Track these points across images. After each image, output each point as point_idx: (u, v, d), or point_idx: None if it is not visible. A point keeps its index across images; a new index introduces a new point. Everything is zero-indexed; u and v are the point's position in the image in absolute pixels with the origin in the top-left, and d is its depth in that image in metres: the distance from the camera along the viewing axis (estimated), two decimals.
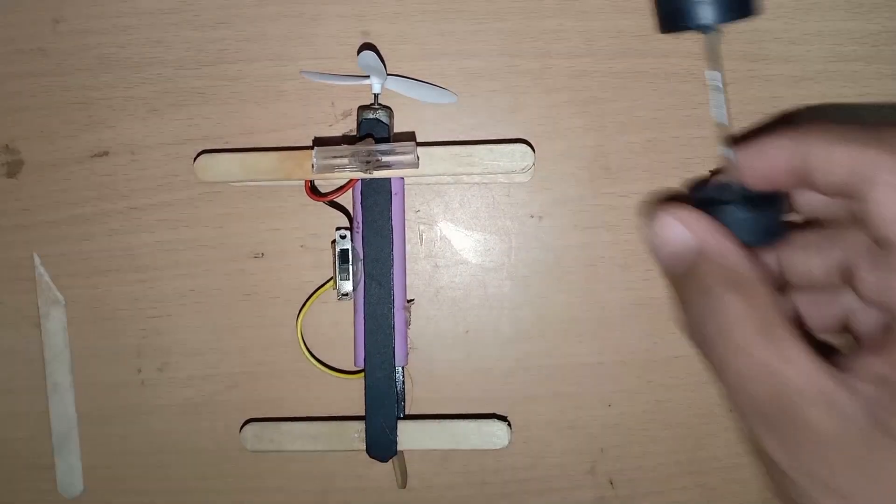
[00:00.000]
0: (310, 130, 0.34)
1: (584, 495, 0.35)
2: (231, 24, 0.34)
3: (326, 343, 0.34)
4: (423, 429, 0.32)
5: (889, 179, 0.22)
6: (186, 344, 0.35)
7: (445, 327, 0.35)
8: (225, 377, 0.35)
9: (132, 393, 0.35)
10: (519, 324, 0.34)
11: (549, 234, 0.34)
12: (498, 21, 0.33)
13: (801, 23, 0.33)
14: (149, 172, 0.34)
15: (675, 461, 0.35)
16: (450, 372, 0.35)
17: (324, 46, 0.34)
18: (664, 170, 0.34)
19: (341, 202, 0.33)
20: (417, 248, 0.34)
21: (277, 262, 0.34)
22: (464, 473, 0.35)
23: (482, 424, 0.32)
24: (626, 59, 0.33)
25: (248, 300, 0.35)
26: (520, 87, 0.34)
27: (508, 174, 0.32)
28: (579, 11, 0.33)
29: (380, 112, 0.31)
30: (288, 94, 0.34)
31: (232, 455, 0.35)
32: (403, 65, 0.34)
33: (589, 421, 0.35)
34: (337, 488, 0.35)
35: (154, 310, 0.35)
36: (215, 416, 0.35)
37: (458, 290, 0.35)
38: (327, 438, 0.32)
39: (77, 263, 0.35)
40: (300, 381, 0.35)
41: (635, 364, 0.34)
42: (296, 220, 0.34)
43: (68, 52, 0.34)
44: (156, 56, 0.34)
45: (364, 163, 0.29)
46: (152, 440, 0.35)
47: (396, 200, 0.31)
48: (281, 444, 0.32)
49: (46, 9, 0.34)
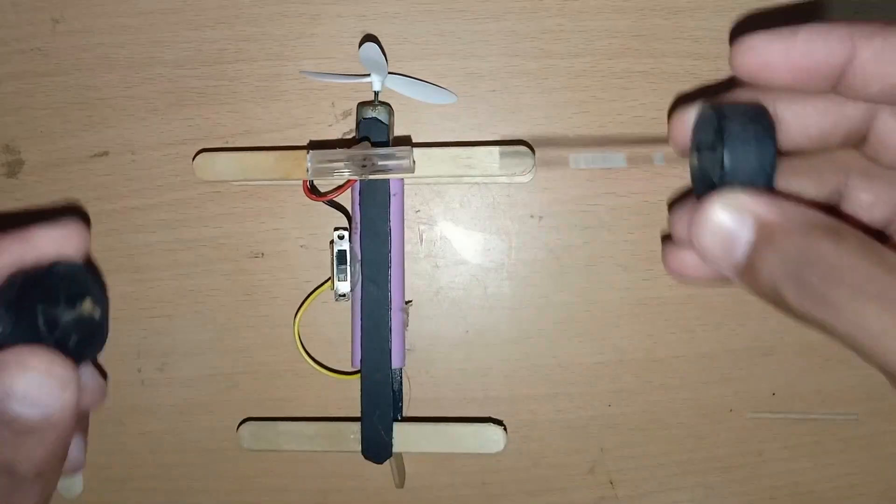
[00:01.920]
0: (310, 130, 0.34)
1: (584, 495, 0.35)
2: (231, 23, 0.34)
3: (326, 343, 0.34)
4: (419, 431, 0.32)
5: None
6: (186, 344, 0.35)
7: (445, 327, 0.35)
8: (225, 377, 0.35)
9: (132, 393, 0.35)
10: (519, 324, 0.34)
11: (549, 234, 0.34)
12: (498, 21, 0.33)
13: (800, 23, 0.33)
14: (149, 172, 0.34)
15: (675, 461, 0.35)
16: (450, 372, 0.35)
17: (324, 46, 0.34)
18: (664, 169, 0.34)
19: (341, 202, 0.33)
20: (417, 248, 0.34)
21: (277, 262, 0.34)
22: (463, 473, 0.35)
23: (478, 428, 0.32)
24: (626, 59, 0.33)
25: (247, 300, 0.35)
26: (520, 87, 0.34)
27: (509, 175, 0.32)
28: (579, 11, 0.33)
29: (379, 109, 0.31)
30: (288, 94, 0.34)
31: (232, 455, 0.35)
32: (403, 65, 0.33)
33: (589, 421, 0.35)
34: (336, 488, 0.35)
35: (154, 310, 0.35)
36: (215, 416, 0.35)
37: (458, 290, 0.35)
38: (324, 439, 0.32)
39: None
40: (300, 382, 0.35)
41: (635, 364, 0.34)
42: (295, 220, 0.34)
43: (68, 52, 0.34)
44: (156, 56, 0.34)
45: (359, 167, 0.29)
46: (152, 440, 0.35)
47: (395, 201, 0.31)
48: (277, 444, 0.32)
49: (46, 9, 0.34)
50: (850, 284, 0.20)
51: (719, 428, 0.35)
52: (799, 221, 0.22)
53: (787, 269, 0.21)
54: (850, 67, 0.23)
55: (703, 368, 0.34)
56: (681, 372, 0.34)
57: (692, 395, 0.34)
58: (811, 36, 0.23)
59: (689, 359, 0.34)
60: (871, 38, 0.22)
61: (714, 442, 0.35)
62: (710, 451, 0.35)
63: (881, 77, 0.22)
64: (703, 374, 0.34)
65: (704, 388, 0.34)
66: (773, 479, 0.35)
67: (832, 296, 0.20)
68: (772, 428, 0.34)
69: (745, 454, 0.35)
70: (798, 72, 0.23)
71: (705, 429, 0.35)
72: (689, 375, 0.34)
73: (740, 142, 0.23)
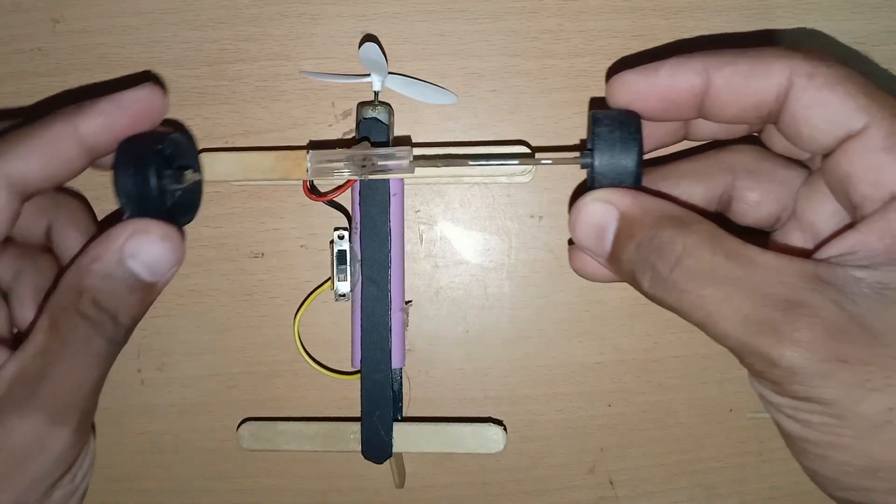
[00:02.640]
0: (310, 130, 0.34)
1: (584, 495, 0.35)
2: (231, 23, 0.34)
3: (325, 343, 0.34)
4: (418, 431, 0.32)
5: (806, 80, 0.23)
6: (186, 344, 0.35)
7: (445, 327, 0.35)
8: (225, 377, 0.35)
9: (132, 393, 0.35)
10: (519, 324, 0.34)
11: (549, 234, 0.34)
12: (498, 21, 0.33)
13: (801, 23, 0.33)
14: None
15: (675, 461, 0.35)
16: (450, 372, 0.35)
17: (324, 46, 0.34)
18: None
19: (341, 202, 0.33)
20: (417, 248, 0.34)
21: (277, 262, 0.34)
22: (463, 473, 0.35)
23: (478, 428, 0.32)
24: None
25: (247, 300, 0.35)
26: (520, 87, 0.34)
27: (509, 175, 0.32)
28: (579, 11, 0.33)
29: (379, 109, 0.31)
30: (288, 94, 0.34)
31: (231, 455, 0.35)
32: (403, 65, 0.33)
33: (589, 421, 0.35)
34: (336, 489, 0.35)
35: (154, 310, 0.34)
36: (215, 416, 0.35)
37: (458, 290, 0.35)
38: (323, 438, 0.32)
39: None
40: (300, 382, 0.35)
41: (635, 364, 0.34)
42: (295, 220, 0.34)
43: (68, 52, 0.34)
44: (156, 56, 0.34)
45: (359, 167, 0.29)
46: (152, 440, 0.35)
47: (395, 201, 0.31)
48: (277, 444, 0.32)
49: (46, 9, 0.34)
50: (689, 268, 0.23)
51: (719, 428, 0.35)
52: (653, 214, 0.24)
53: (640, 257, 0.24)
54: (707, 96, 0.25)
55: (703, 368, 0.34)
56: (680, 372, 0.34)
57: (692, 395, 0.34)
58: (671, 71, 0.25)
59: (689, 359, 0.34)
60: (721, 69, 0.24)
61: (714, 442, 0.35)
62: (710, 451, 0.35)
63: (733, 102, 0.25)
64: (703, 374, 0.34)
65: (704, 388, 0.34)
66: (773, 479, 0.35)
67: (674, 279, 0.23)
68: (772, 428, 0.34)
69: (744, 454, 0.35)
70: (664, 102, 0.26)
71: (705, 429, 0.35)
72: (688, 375, 0.34)
73: (607, 145, 0.26)
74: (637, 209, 0.25)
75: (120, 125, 0.27)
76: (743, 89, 0.24)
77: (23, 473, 0.24)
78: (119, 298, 0.26)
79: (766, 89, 0.24)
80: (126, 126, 0.27)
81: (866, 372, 0.21)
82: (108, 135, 0.27)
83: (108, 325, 0.26)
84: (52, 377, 0.25)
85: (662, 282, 0.24)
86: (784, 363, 0.21)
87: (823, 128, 0.23)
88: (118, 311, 0.26)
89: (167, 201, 0.27)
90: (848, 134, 0.23)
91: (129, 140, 0.27)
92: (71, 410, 0.25)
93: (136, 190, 0.26)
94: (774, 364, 0.21)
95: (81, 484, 0.28)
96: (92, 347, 0.25)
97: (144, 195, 0.26)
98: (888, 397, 0.21)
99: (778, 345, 0.21)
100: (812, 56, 0.23)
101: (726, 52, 0.25)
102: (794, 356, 0.21)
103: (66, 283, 0.26)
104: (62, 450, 0.25)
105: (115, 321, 0.26)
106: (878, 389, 0.21)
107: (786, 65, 0.23)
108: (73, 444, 0.26)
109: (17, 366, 0.25)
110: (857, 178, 0.22)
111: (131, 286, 0.26)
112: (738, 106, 0.25)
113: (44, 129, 0.26)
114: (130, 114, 0.27)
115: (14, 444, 0.24)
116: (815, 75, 0.23)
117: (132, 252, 0.26)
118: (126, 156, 0.27)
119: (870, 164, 0.22)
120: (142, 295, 0.27)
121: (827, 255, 0.23)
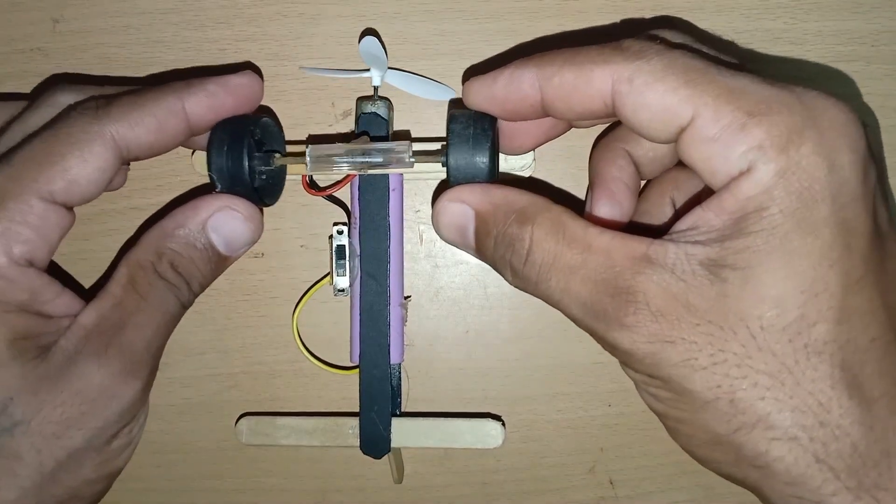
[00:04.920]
0: (310, 130, 0.34)
1: (584, 495, 0.35)
2: (231, 23, 0.34)
3: (325, 342, 0.34)
4: (417, 426, 0.32)
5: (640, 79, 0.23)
6: (186, 344, 0.35)
7: (445, 327, 0.35)
8: (225, 377, 0.35)
9: None
10: (519, 324, 0.34)
11: None
12: (498, 21, 0.33)
13: (801, 23, 0.33)
14: (149, 172, 0.34)
15: (675, 461, 0.35)
16: (450, 372, 0.35)
17: (324, 46, 0.34)
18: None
19: (341, 198, 0.33)
20: (417, 248, 0.34)
21: (277, 261, 0.34)
22: (463, 473, 0.35)
23: (476, 423, 0.32)
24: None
25: (247, 300, 0.35)
26: None
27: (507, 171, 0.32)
28: (579, 11, 0.33)
29: (379, 104, 0.31)
30: (288, 94, 0.34)
31: (231, 454, 0.35)
32: (403, 65, 0.33)
33: (589, 421, 0.35)
34: (336, 488, 0.35)
35: None
36: (215, 415, 0.35)
37: (458, 290, 0.35)
38: (322, 434, 0.32)
39: (77, 263, 0.35)
40: (300, 381, 0.35)
41: None
42: (295, 219, 0.34)
43: (68, 52, 0.34)
44: (156, 56, 0.34)
45: (358, 161, 0.29)
46: (152, 440, 0.35)
47: (394, 196, 0.31)
48: (275, 439, 0.32)
49: (46, 9, 0.34)
50: (536, 262, 0.24)
51: None
52: (503, 209, 0.25)
53: (499, 254, 0.25)
54: (544, 103, 0.25)
55: None
56: None
57: None
58: (507, 81, 0.26)
59: None
60: (550, 80, 0.25)
61: None
62: None
63: (568, 110, 0.25)
64: None
65: None
66: None
67: (527, 273, 0.24)
68: None
69: None
70: (508, 104, 0.26)
71: None
72: None
73: (461, 142, 0.27)
74: (488, 205, 0.26)
75: (224, 106, 0.28)
76: (571, 98, 0.24)
77: (95, 417, 0.25)
78: (195, 266, 0.27)
79: (592, 97, 0.24)
80: (230, 108, 0.28)
81: (692, 351, 0.22)
82: (211, 114, 0.28)
83: (184, 289, 0.27)
84: (128, 330, 0.26)
85: (519, 276, 0.25)
86: (620, 346, 0.23)
87: (656, 126, 0.23)
88: (192, 277, 0.27)
89: (254, 182, 0.29)
90: (680, 127, 0.23)
91: (226, 120, 0.28)
92: (142, 365, 0.26)
93: (228, 167, 0.28)
94: (615, 347, 0.23)
95: (135, 438, 0.29)
96: (166, 308, 0.27)
97: (235, 173, 0.28)
98: (715, 376, 0.22)
99: (611, 330, 0.23)
100: (632, 54, 0.23)
101: (558, 56, 0.25)
102: (626, 340, 0.23)
103: (147, 242, 0.27)
104: (131, 401, 0.26)
105: (189, 287, 0.27)
106: (705, 367, 0.22)
107: (606, 71, 0.23)
108: (140, 398, 0.27)
109: (95, 314, 0.26)
110: (698, 168, 0.23)
111: (209, 257, 0.27)
112: (574, 113, 0.25)
113: (155, 101, 0.27)
114: (235, 96, 0.28)
115: (90, 389, 0.25)
116: (635, 78, 0.23)
117: (216, 225, 0.27)
118: (223, 134, 0.28)
119: (704, 155, 0.22)
120: (215, 266, 0.28)
121: (676, 230, 0.23)
